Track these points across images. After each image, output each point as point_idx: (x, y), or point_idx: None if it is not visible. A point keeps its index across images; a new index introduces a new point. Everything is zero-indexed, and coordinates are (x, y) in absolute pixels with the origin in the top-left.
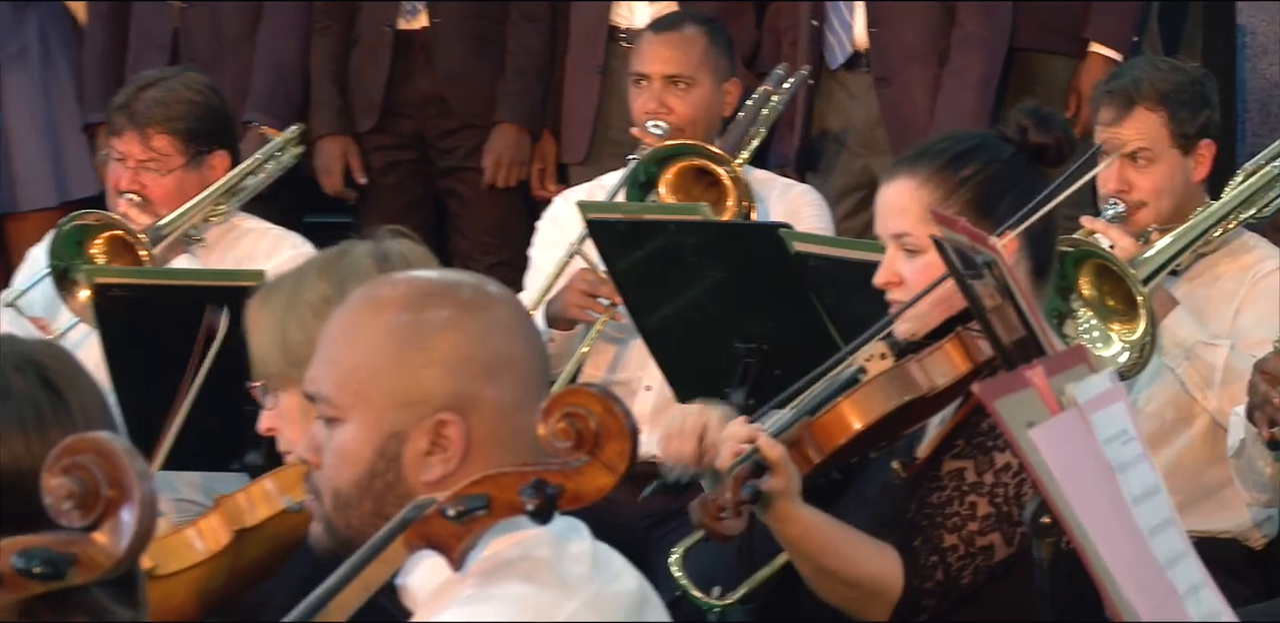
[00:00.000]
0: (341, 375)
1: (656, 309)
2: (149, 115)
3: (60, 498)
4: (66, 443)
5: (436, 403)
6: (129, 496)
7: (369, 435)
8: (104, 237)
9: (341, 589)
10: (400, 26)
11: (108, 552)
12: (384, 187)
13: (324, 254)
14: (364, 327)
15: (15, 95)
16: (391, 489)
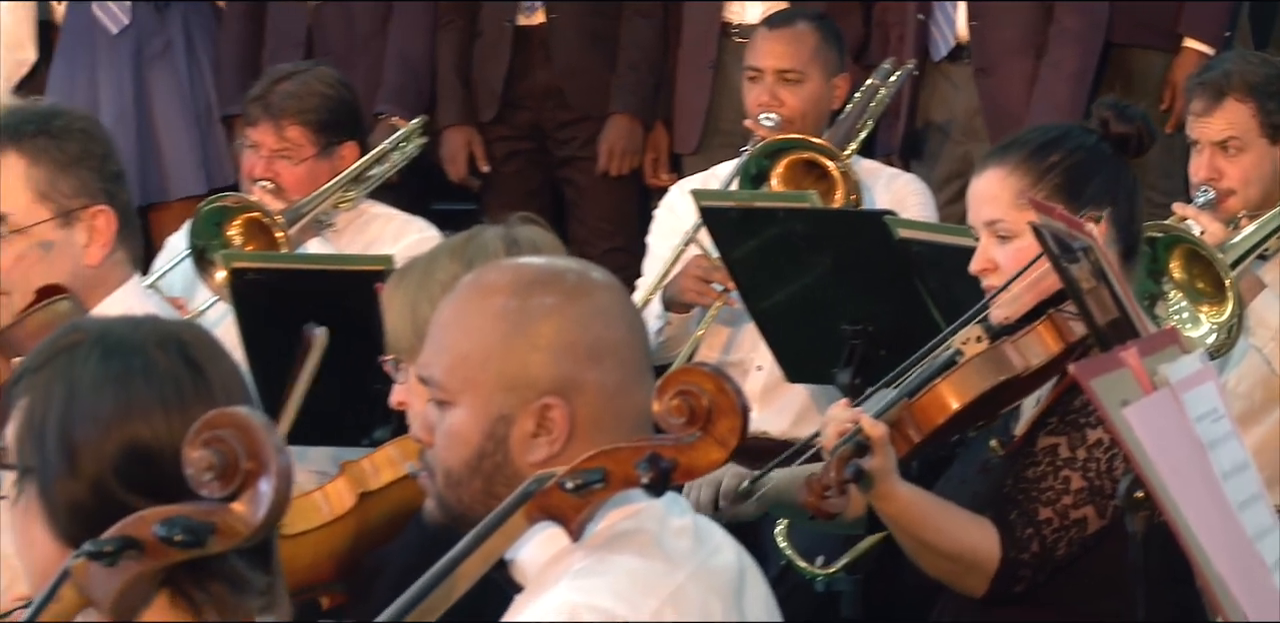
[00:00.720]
0: (451, 361)
1: (767, 293)
2: (283, 107)
3: (201, 470)
4: (207, 417)
5: (542, 387)
6: (266, 467)
7: (478, 419)
8: (241, 218)
9: (465, 559)
10: (520, 22)
11: (246, 521)
12: (505, 175)
13: (456, 237)
14: (472, 314)
15: (161, 89)
16: (499, 470)
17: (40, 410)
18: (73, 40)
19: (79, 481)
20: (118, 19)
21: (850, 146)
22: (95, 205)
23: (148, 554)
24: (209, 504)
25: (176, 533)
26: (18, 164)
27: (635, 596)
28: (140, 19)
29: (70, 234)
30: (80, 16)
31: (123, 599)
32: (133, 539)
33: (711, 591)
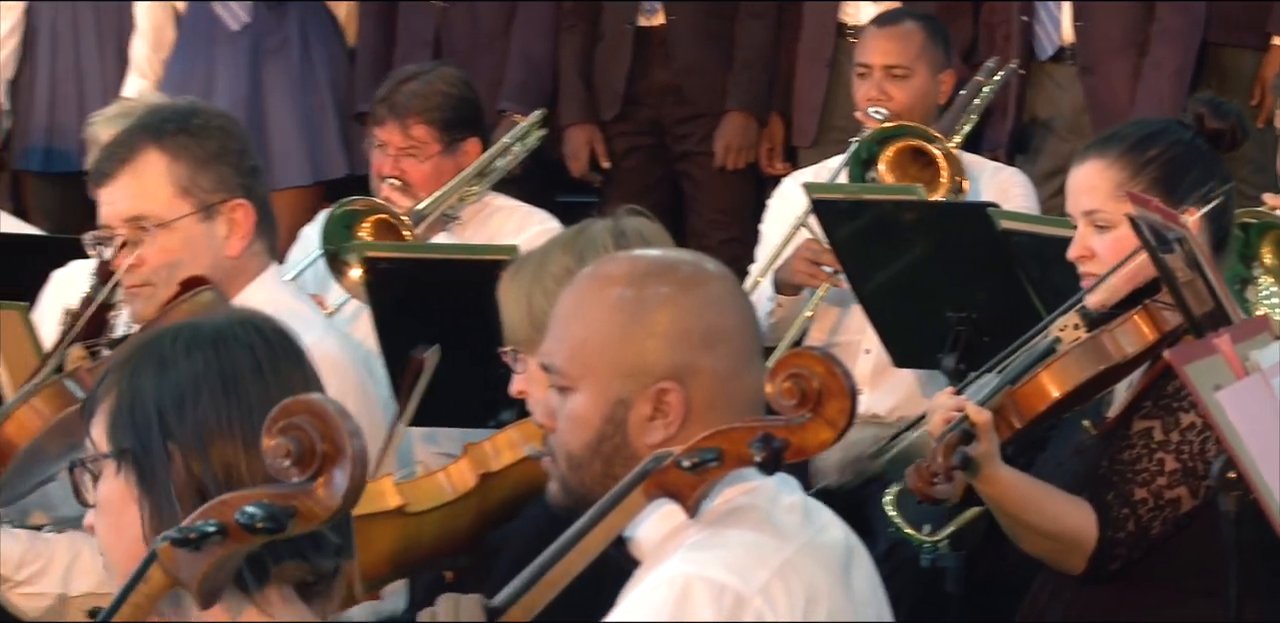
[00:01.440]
0: (571, 349)
1: (874, 279)
2: (408, 106)
3: (279, 456)
4: (284, 405)
5: (658, 373)
6: (342, 452)
7: (597, 403)
8: (371, 220)
9: (585, 535)
10: (640, 24)
11: (324, 504)
12: (625, 169)
13: (567, 231)
14: (590, 303)
15: (275, 84)
16: (619, 452)
17: (134, 399)
18: (193, 36)
19: (172, 465)
20: (238, 17)
21: (954, 139)
22: (234, 199)
23: (231, 538)
24: (288, 489)
25: (258, 519)
26: (159, 161)
27: (746, 568)
28: (259, 17)
29: (211, 227)
30: (201, 14)
31: (208, 581)
32: (216, 524)
33: (820, 565)
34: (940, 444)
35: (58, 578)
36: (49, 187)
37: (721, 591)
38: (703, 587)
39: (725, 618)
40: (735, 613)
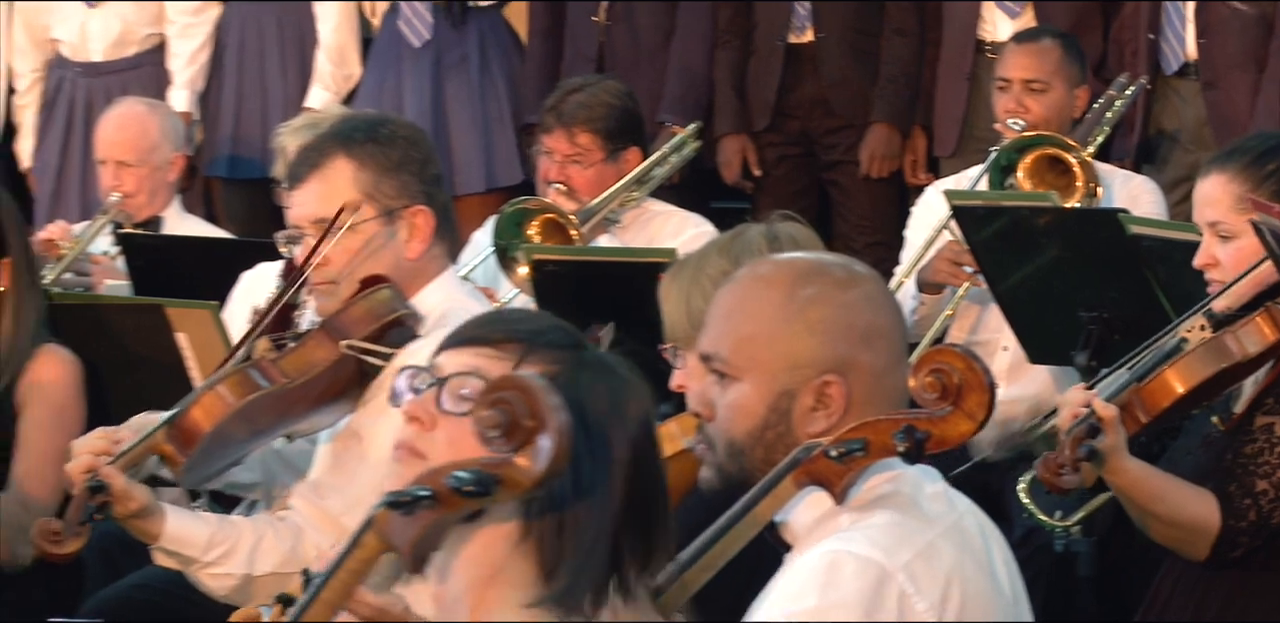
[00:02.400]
0: (737, 342)
1: (1010, 280)
2: (574, 116)
3: (488, 428)
4: (494, 381)
5: (821, 366)
6: (546, 425)
7: (762, 394)
8: (540, 219)
9: (740, 520)
10: (790, 40)
11: (528, 473)
12: (776, 177)
13: (723, 235)
14: (755, 300)
15: (455, 97)
16: (781, 440)
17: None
18: (382, 53)
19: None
20: (420, 35)
21: (1088, 149)
22: (415, 205)
23: (441, 503)
24: (496, 458)
25: (466, 484)
26: (346, 167)
27: (891, 546)
28: (440, 35)
29: (392, 231)
30: (389, 33)
31: (419, 546)
32: (427, 490)
33: (962, 548)
34: (1068, 438)
35: (243, 559)
36: (236, 192)
37: (867, 564)
38: (849, 561)
39: (870, 592)
40: (879, 587)
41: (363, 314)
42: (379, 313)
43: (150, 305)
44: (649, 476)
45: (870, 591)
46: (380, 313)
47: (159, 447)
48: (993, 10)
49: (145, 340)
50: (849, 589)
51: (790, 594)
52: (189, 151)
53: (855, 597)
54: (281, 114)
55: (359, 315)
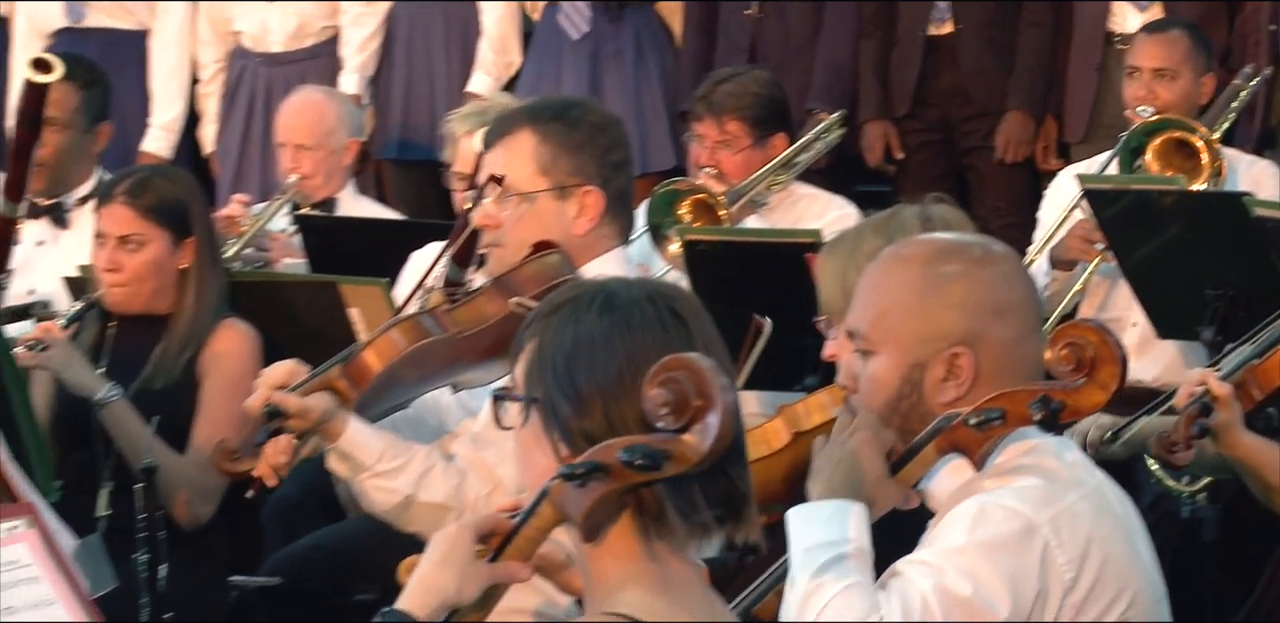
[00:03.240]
0: (875, 317)
1: (1138, 259)
2: (724, 104)
3: (658, 405)
4: (664, 361)
5: (952, 339)
6: (713, 404)
7: (897, 366)
8: (690, 200)
9: None
10: (930, 32)
11: (696, 449)
12: (916, 162)
13: (879, 215)
14: (893, 277)
15: (611, 86)
16: (914, 409)
17: (549, 351)
18: (542, 45)
19: (580, 412)
20: (579, 28)
21: (1214, 134)
22: (588, 186)
23: (612, 477)
24: (665, 435)
25: (637, 458)
26: (529, 140)
27: (1036, 503)
28: (598, 28)
29: (563, 206)
30: (549, 25)
31: (591, 516)
32: (600, 464)
33: (1103, 511)
34: (1182, 416)
35: (412, 480)
36: (405, 175)
37: (1015, 514)
38: (998, 510)
39: (1016, 538)
40: (1025, 536)
41: (533, 275)
42: (548, 275)
43: (325, 282)
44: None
45: (1017, 536)
46: (549, 276)
47: (333, 382)
48: (1122, 5)
49: (320, 315)
50: (996, 532)
51: (938, 539)
52: (363, 137)
53: (1001, 540)
54: (446, 100)
55: (529, 276)
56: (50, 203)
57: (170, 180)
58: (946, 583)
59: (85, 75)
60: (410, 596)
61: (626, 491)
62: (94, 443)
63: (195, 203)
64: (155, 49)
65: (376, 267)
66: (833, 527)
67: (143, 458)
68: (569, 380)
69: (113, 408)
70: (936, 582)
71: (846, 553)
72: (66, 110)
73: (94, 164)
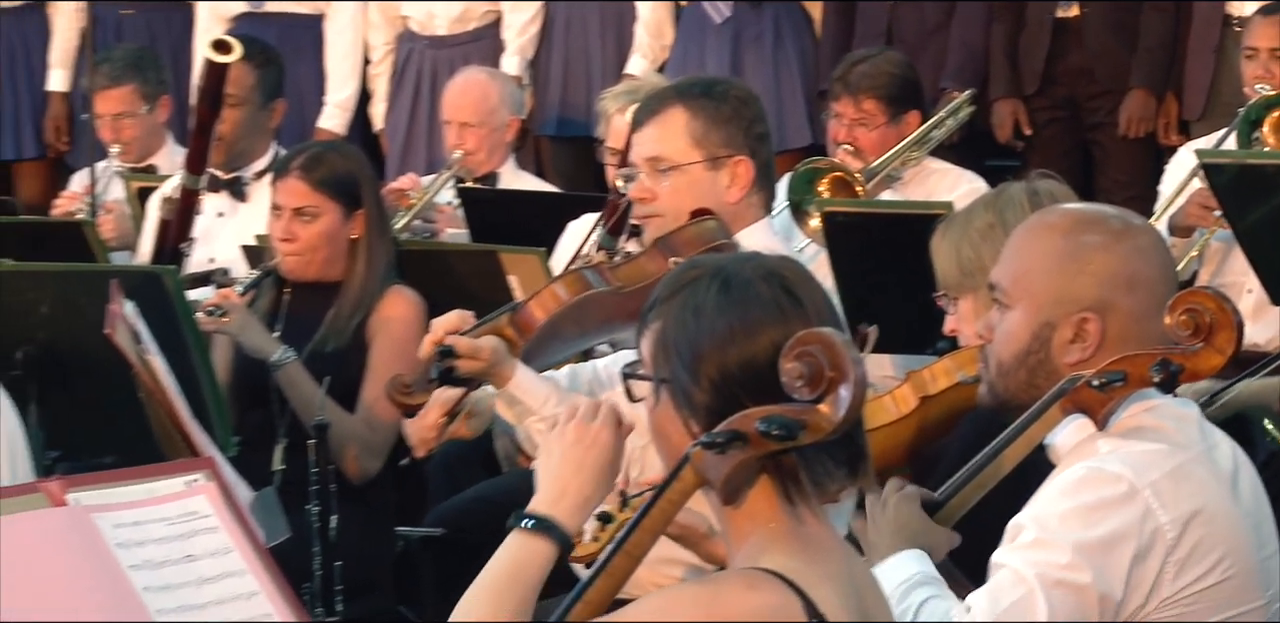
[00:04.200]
0: (1016, 275)
1: (1253, 228)
2: (859, 84)
3: (794, 378)
4: (799, 336)
5: (1083, 304)
6: (846, 376)
7: (1029, 322)
8: (829, 177)
9: (1011, 443)
10: (1057, 15)
11: (829, 419)
12: (1044, 138)
13: (988, 193)
14: (1038, 241)
15: (752, 68)
16: (1041, 365)
17: (671, 333)
18: (688, 29)
19: (705, 390)
20: (721, 13)
21: None
22: (738, 155)
23: (750, 445)
24: (800, 405)
25: (774, 428)
26: (681, 116)
27: (1141, 466)
28: (740, 13)
29: (715, 176)
30: (695, 10)
31: (730, 480)
32: (739, 432)
33: (1210, 474)
34: None
35: None
36: (563, 150)
37: (1116, 479)
38: (1098, 475)
39: (1117, 502)
40: (1127, 500)
41: (692, 237)
42: (705, 238)
43: (486, 251)
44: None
45: (1117, 501)
46: (706, 238)
47: (502, 329)
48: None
49: (481, 282)
50: (1098, 497)
51: (1045, 500)
52: (523, 115)
53: (1103, 504)
54: (602, 80)
55: (689, 238)
56: (230, 177)
57: (342, 155)
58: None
59: (261, 56)
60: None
61: (764, 457)
62: (270, 402)
63: (365, 177)
64: (329, 32)
65: (535, 237)
66: (899, 572)
67: (315, 416)
68: (693, 362)
69: (287, 370)
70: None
71: (919, 582)
72: (244, 88)
73: (270, 139)
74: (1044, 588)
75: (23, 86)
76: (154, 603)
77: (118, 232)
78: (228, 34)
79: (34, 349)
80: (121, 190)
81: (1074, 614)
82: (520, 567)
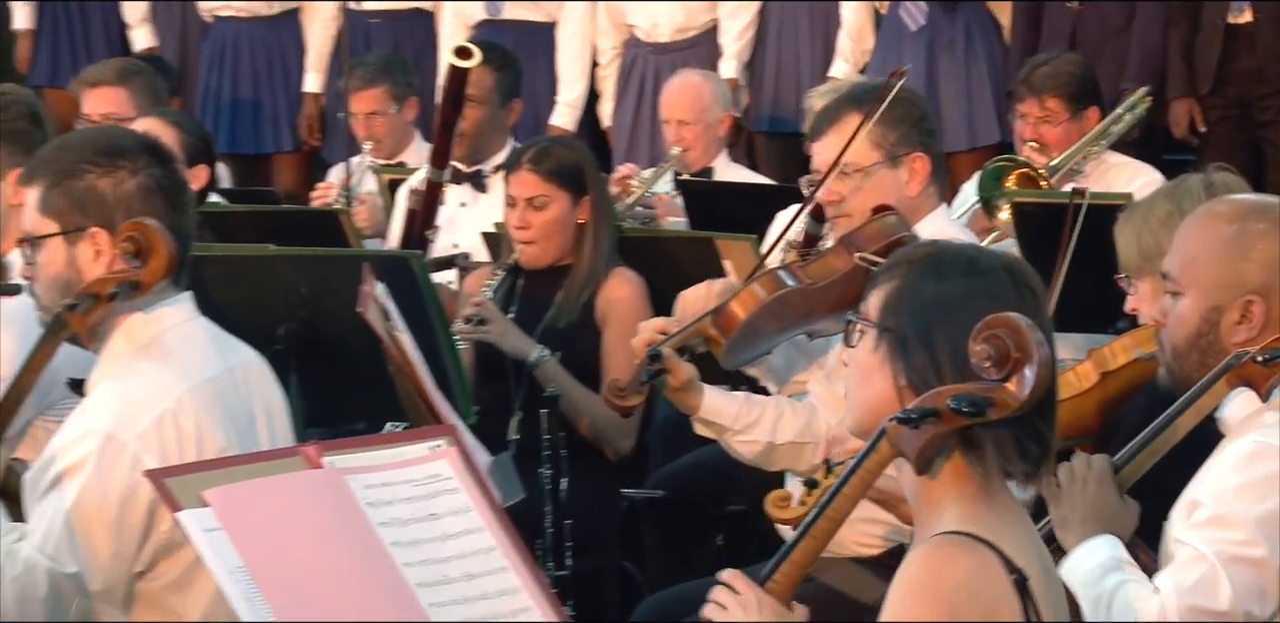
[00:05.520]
0: (1185, 263)
1: None
2: (1042, 85)
3: (982, 359)
4: (987, 320)
5: (1248, 288)
6: (1031, 357)
7: (1198, 307)
8: (1015, 173)
9: (1181, 414)
10: (1230, 20)
11: (1016, 397)
12: (1217, 135)
13: (1167, 184)
14: (1206, 230)
15: (944, 71)
16: (1211, 346)
17: (908, 293)
18: (885, 34)
19: (924, 346)
20: (917, 20)
21: None
22: (915, 152)
23: (942, 420)
24: (988, 384)
25: (964, 405)
26: (854, 120)
27: None
28: (934, 20)
29: (896, 173)
30: (892, 18)
31: (923, 453)
32: (933, 409)
33: None
34: None
35: (767, 429)
36: (774, 145)
37: (1273, 449)
38: (1266, 450)
39: None
40: None
41: (874, 233)
42: (887, 233)
43: (702, 238)
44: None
45: None
46: (888, 233)
47: (705, 330)
48: None
49: (697, 266)
50: (1267, 470)
51: (1217, 475)
52: (736, 112)
53: (1271, 477)
54: (810, 81)
55: (872, 233)
56: (471, 170)
57: (567, 148)
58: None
59: (499, 60)
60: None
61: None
62: (507, 376)
63: (589, 167)
64: (561, 38)
65: (747, 224)
66: (1095, 556)
67: (575, 402)
68: (925, 325)
69: (544, 367)
70: (1218, 549)
71: (1111, 567)
72: (484, 89)
73: (507, 136)
74: (1223, 565)
75: (279, 88)
76: (400, 557)
77: (370, 220)
78: (469, 40)
79: (294, 326)
80: (374, 183)
81: (1255, 588)
82: None
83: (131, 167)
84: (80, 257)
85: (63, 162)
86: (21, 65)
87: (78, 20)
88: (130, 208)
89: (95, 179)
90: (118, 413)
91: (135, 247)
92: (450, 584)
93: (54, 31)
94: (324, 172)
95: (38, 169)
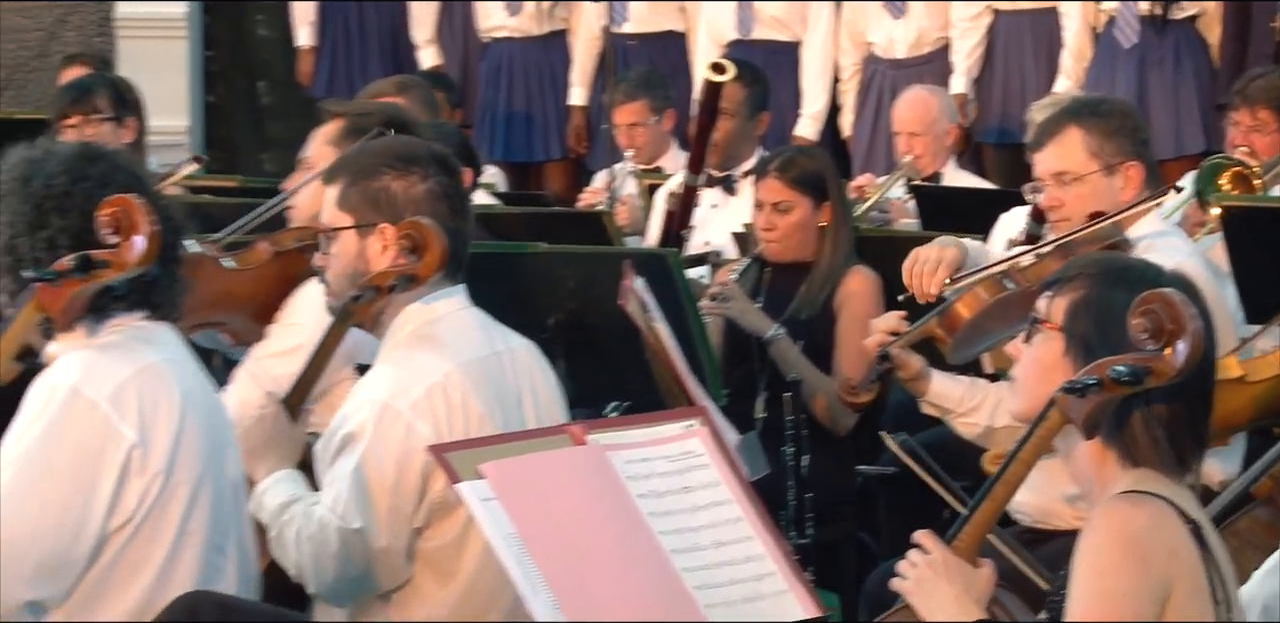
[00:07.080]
0: None
1: None
2: (1255, 96)
3: (1139, 332)
4: (1143, 296)
5: None
6: (1184, 330)
7: None
8: (1231, 172)
9: None
10: None
11: (1171, 365)
12: None
13: None
14: None
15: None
16: None
17: (1099, 304)
18: (1101, 53)
19: (1108, 349)
20: (1129, 39)
21: None
22: (1130, 161)
23: (1105, 388)
24: (1146, 354)
25: (1124, 375)
26: (1076, 133)
27: None
28: (1145, 39)
29: (1111, 181)
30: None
31: (1090, 419)
32: (1096, 379)
33: None
34: None
35: (987, 413)
36: (1002, 155)
37: None
38: None
39: None
40: None
41: (1089, 238)
42: (1101, 238)
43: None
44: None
45: None
46: (1102, 238)
47: (932, 330)
48: None
49: None
50: None
51: None
52: (964, 123)
53: None
54: (1034, 95)
55: (1086, 239)
56: (723, 175)
57: (810, 157)
58: None
59: (750, 75)
60: None
61: (1117, 401)
62: (753, 361)
63: (830, 174)
64: (806, 55)
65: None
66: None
67: (809, 382)
68: (1112, 335)
69: (778, 344)
70: None
71: None
72: (735, 102)
73: (756, 145)
74: None
75: (549, 102)
76: (657, 525)
77: (631, 220)
78: (722, 58)
79: (562, 317)
80: (634, 187)
81: None
82: None
83: (423, 173)
84: (369, 249)
85: (363, 163)
86: (304, 79)
87: (356, 39)
88: (418, 209)
89: (390, 181)
90: (392, 386)
91: (411, 243)
92: (701, 551)
93: (332, 49)
94: (589, 177)
95: (339, 169)
